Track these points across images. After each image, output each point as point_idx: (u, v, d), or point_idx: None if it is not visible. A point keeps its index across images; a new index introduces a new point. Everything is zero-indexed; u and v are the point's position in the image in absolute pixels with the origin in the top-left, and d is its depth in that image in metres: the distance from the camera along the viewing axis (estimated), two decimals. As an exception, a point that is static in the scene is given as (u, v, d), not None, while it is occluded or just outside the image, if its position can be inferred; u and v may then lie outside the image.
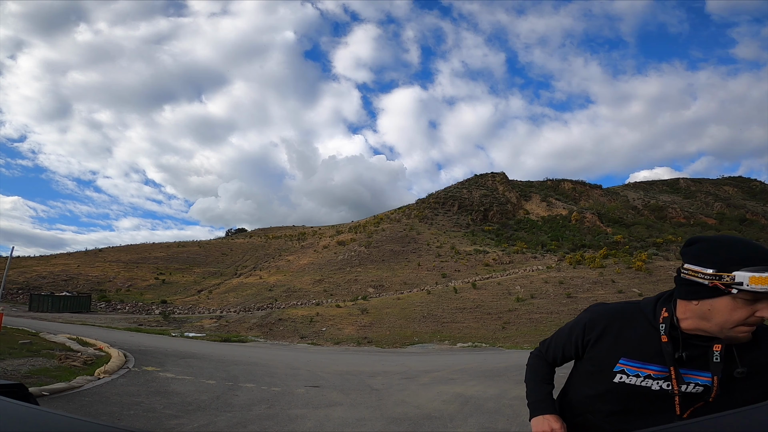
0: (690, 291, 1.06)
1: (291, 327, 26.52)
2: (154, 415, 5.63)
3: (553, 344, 1.37)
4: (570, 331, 1.29)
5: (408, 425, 5.59)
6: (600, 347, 1.19)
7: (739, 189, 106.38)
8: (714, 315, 1.02)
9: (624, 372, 1.14)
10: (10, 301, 37.52)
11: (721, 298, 1.00)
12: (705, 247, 1.05)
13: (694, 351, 1.09)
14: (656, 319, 1.12)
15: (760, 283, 0.93)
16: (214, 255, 63.55)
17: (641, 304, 1.19)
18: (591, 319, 1.23)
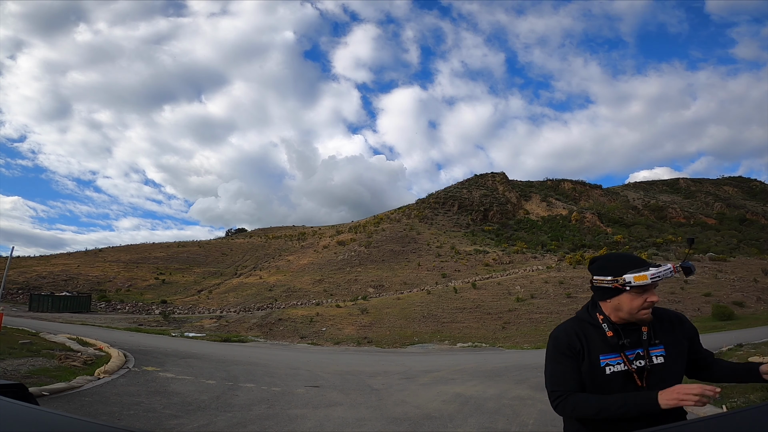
0: (602, 293, 1.55)
1: (291, 327, 26.51)
2: (154, 415, 5.62)
3: (562, 380, 1.48)
4: (559, 361, 1.51)
5: (408, 425, 5.59)
6: (585, 355, 1.50)
7: (739, 189, 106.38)
8: (622, 306, 1.50)
9: (608, 364, 1.48)
10: (10, 301, 37.52)
11: (622, 295, 1.49)
12: (602, 262, 1.58)
13: (632, 336, 1.51)
14: (596, 321, 1.54)
15: (640, 279, 1.46)
16: (214, 255, 63.55)
17: (579, 316, 1.59)
18: (566, 340, 1.52)
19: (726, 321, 24.47)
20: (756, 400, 6.09)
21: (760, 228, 76.26)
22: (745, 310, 28.04)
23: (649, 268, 1.47)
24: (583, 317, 1.57)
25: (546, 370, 1.54)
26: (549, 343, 1.55)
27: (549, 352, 1.54)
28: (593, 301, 1.60)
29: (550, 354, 1.54)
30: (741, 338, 13.91)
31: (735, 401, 6.04)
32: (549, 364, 1.53)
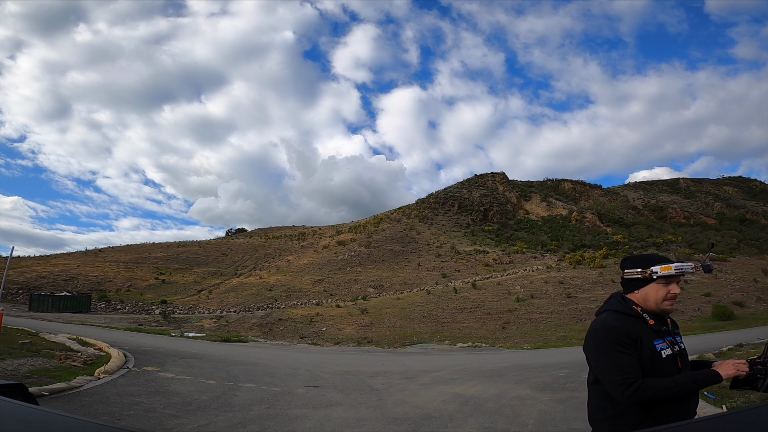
0: (631, 285, 1.75)
1: (291, 327, 26.52)
2: (154, 415, 5.63)
3: (631, 369, 1.54)
4: (621, 351, 1.57)
5: (408, 425, 5.59)
6: (642, 342, 1.61)
7: (739, 189, 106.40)
8: (649, 297, 1.70)
9: (662, 349, 1.63)
10: (10, 301, 37.52)
11: (649, 285, 1.70)
12: (633, 258, 1.79)
13: (662, 325, 1.71)
14: (636, 312, 1.68)
15: (666, 270, 1.68)
16: (214, 255, 63.56)
17: (616, 309, 1.71)
18: (625, 330, 1.61)
19: (726, 321, 24.48)
20: (756, 400, 6.09)
21: (760, 228, 76.27)
22: (745, 310, 28.04)
23: (678, 263, 1.69)
24: (620, 309, 1.68)
25: (604, 363, 1.58)
26: (601, 337, 1.61)
27: (605, 344, 1.59)
28: (621, 296, 1.75)
29: (607, 346, 1.59)
30: (741, 338, 13.91)
31: (735, 401, 6.04)
32: (609, 355, 1.57)
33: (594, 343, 1.64)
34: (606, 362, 1.58)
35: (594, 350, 1.64)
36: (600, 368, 1.60)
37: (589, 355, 1.67)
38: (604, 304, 1.79)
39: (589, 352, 1.67)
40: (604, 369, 1.58)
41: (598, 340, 1.63)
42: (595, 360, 1.62)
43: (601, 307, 1.82)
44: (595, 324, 1.69)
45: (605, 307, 1.75)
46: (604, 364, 1.58)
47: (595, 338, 1.64)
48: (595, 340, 1.64)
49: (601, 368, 1.59)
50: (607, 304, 1.77)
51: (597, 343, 1.63)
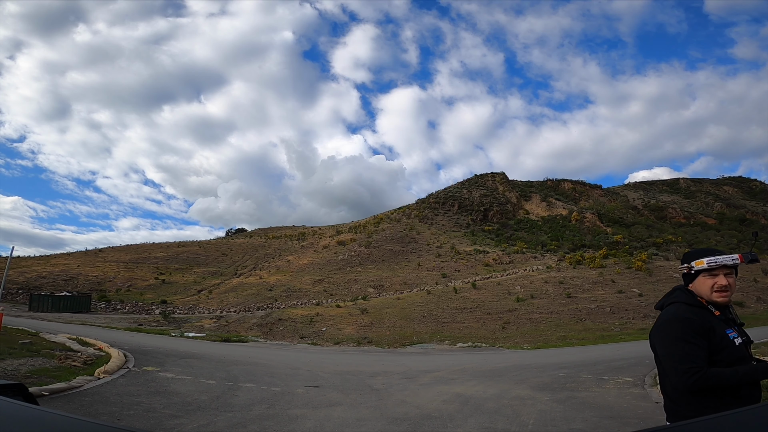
0: (686, 279, 1.88)
1: (291, 327, 26.51)
2: (154, 415, 5.63)
3: (696, 358, 1.62)
4: (690, 341, 1.65)
5: (408, 425, 5.59)
6: (715, 331, 1.68)
7: (739, 189, 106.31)
8: (700, 289, 1.80)
9: (735, 337, 1.71)
10: (10, 301, 37.50)
11: (697, 279, 1.81)
12: (686, 254, 1.91)
13: (728, 315, 1.79)
14: (701, 303, 1.76)
15: (699, 264, 1.79)
16: (214, 255, 63.53)
17: (683, 300, 1.79)
18: (699, 321, 1.69)
19: (726, 321, 24.47)
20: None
21: (760, 228, 76.19)
22: (745, 310, 28.03)
23: (716, 256, 1.77)
24: (688, 301, 1.77)
25: (672, 351, 1.66)
26: (675, 327, 1.69)
27: (677, 333, 1.67)
28: (685, 289, 1.86)
29: (678, 336, 1.66)
30: (741, 338, 13.88)
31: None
32: (678, 344, 1.65)
33: (666, 333, 1.71)
34: (674, 350, 1.65)
35: (665, 339, 1.71)
36: (668, 356, 1.67)
37: (659, 344, 1.74)
38: (667, 297, 1.87)
39: (659, 342, 1.74)
40: (671, 357, 1.65)
41: (671, 329, 1.69)
42: (665, 348, 1.70)
43: (662, 299, 1.89)
44: (666, 315, 1.76)
45: (670, 300, 1.83)
46: (672, 352, 1.65)
47: (668, 328, 1.71)
48: (667, 330, 1.71)
49: (669, 356, 1.66)
50: (670, 296, 1.86)
51: (670, 333, 1.69)
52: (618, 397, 7.22)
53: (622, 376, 9.12)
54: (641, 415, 6.09)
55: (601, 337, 22.07)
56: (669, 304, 1.82)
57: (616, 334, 22.87)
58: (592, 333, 23.70)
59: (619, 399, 7.03)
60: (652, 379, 8.60)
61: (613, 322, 26.33)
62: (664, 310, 1.82)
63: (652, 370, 9.49)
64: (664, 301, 1.88)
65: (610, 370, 10.24)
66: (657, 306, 1.92)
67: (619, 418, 5.91)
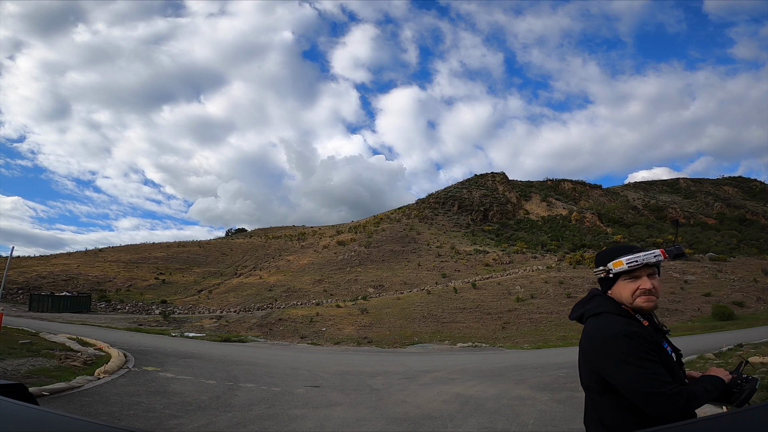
0: (605, 284, 1.55)
1: (291, 327, 26.50)
2: (154, 415, 5.63)
3: (666, 377, 1.33)
4: (650, 359, 1.35)
5: (408, 425, 5.59)
6: (659, 349, 1.42)
7: (739, 189, 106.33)
8: (621, 295, 1.48)
9: (671, 352, 1.46)
10: (10, 301, 37.50)
11: (617, 283, 1.49)
12: (598, 255, 1.59)
13: (657, 324, 1.50)
14: (629, 313, 1.47)
15: (617, 265, 1.47)
16: (214, 255, 63.53)
17: (613, 310, 1.47)
18: (647, 336, 1.40)
19: (726, 321, 24.47)
20: (756, 400, 6.09)
21: (760, 228, 76.22)
22: (745, 310, 28.04)
23: (635, 253, 1.45)
24: (615, 311, 1.46)
25: (639, 374, 1.30)
26: (624, 344, 1.34)
27: (632, 352, 1.33)
28: (605, 295, 1.54)
29: (635, 355, 1.32)
30: (741, 338, 13.90)
31: (735, 401, 6.03)
32: (638, 364, 1.31)
33: (618, 352, 1.34)
34: (642, 373, 1.30)
35: (619, 361, 1.34)
36: (633, 381, 1.31)
37: (610, 367, 1.36)
38: (585, 305, 1.54)
39: (610, 364, 1.36)
40: (640, 381, 1.30)
41: (623, 348, 1.34)
42: (621, 370, 1.33)
43: (579, 307, 1.57)
44: (603, 330, 1.41)
45: (593, 309, 1.50)
46: (639, 375, 1.30)
47: (618, 347, 1.35)
48: (618, 349, 1.35)
49: (636, 381, 1.31)
50: (589, 304, 1.53)
51: (624, 352, 1.34)
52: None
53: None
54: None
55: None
56: (594, 315, 1.48)
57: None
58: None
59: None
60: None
61: (613, 322, 26.33)
62: (590, 322, 1.48)
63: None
64: (583, 310, 1.54)
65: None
66: (573, 316, 1.59)
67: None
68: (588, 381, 1.46)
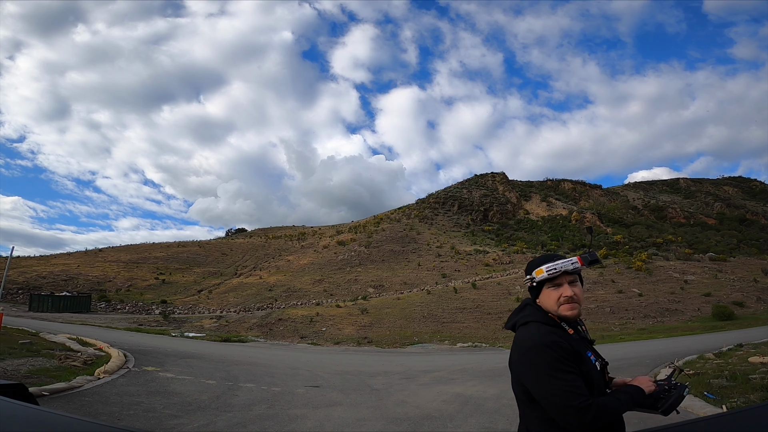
0: (534, 293, 1.56)
1: (291, 327, 26.51)
2: (154, 415, 5.63)
3: (582, 389, 1.32)
4: (568, 370, 1.34)
5: (408, 425, 5.59)
6: (580, 358, 1.42)
7: (739, 189, 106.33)
8: (546, 303, 1.50)
9: (595, 361, 1.48)
10: (10, 301, 37.51)
11: (542, 291, 1.52)
12: (528, 264, 1.59)
13: (582, 333, 1.54)
14: (555, 321, 1.48)
15: (539, 273, 1.50)
16: (214, 255, 63.54)
17: (539, 320, 1.48)
18: (567, 345, 1.39)
19: (726, 321, 24.48)
20: (756, 400, 6.09)
21: (760, 228, 76.23)
22: (745, 310, 28.04)
23: (554, 261, 1.49)
24: (543, 320, 1.47)
25: (554, 386, 1.31)
26: (545, 354, 1.35)
27: (552, 362, 1.34)
28: (534, 304, 1.56)
29: (555, 365, 1.33)
30: (741, 338, 13.90)
31: (735, 401, 6.03)
32: (556, 375, 1.32)
33: (538, 363, 1.35)
34: (557, 385, 1.30)
35: (538, 372, 1.35)
36: (549, 394, 1.31)
37: (530, 379, 1.37)
38: (517, 314, 1.56)
39: (531, 375, 1.37)
40: (554, 394, 1.30)
41: (543, 358, 1.35)
42: (541, 383, 1.34)
43: (512, 317, 1.58)
44: (528, 340, 1.42)
45: (523, 318, 1.51)
46: (554, 387, 1.31)
47: (537, 357, 1.36)
48: (538, 359, 1.35)
49: (552, 393, 1.31)
50: (520, 313, 1.54)
51: (543, 363, 1.34)
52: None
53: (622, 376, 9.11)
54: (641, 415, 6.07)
55: (601, 337, 22.05)
56: (523, 324, 1.49)
57: (616, 334, 22.87)
58: (592, 333, 23.29)
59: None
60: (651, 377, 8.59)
61: (613, 322, 26.34)
62: (519, 330, 1.50)
63: (652, 371, 9.48)
64: (515, 318, 1.55)
65: (610, 370, 10.20)
66: (507, 326, 1.59)
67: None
68: (516, 391, 1.48)
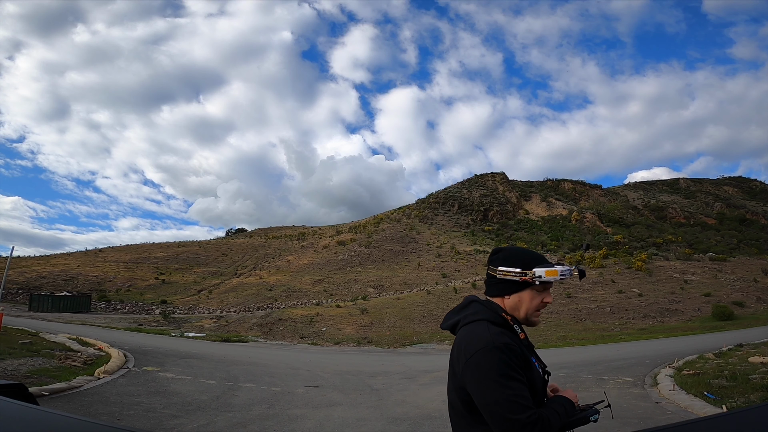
0: (505, 288, 1.38)
1: (291, 327, 26.51)
2: (154, 415, 5.63)
3: (528, 400, 1.18)
4: (516, 378, 1.19)
5: (408, 425, 5.59)
6: (528, 365, 1.27)
7: (739, 189, 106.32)
8: (522, 304, 1.37)
9: (539, 368, 1.34)
10: (10, 301, 37.50)
11: (526, 291, 1.36)
12: (510, 253, 1.42)
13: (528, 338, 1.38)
14: (507, 323, 1.33)
15: (551, 274, 1.34)
16: (214, 255, 63.53)
17: (489, 318, 1.31)
18: (517, 350, 1.24)
19: (726, 321, 24.47)
20: (756, 400, 6.09)
21: (760, 228, 76.20)
22: (745, 310, 28.03)
23: (555, 265, 1.37)
24: (492, 319, 1.31)
25: (500, 396, 1.14)
26: (493, 359, 1.18)
27: (501, 369, 1.17)
28: (486, 301, 1.40)
29: (503, 372, 1.17)
30: (741, 338, 13.90)
31: (735, 401, 6.03)
32: (506, 384, 1.15)
33: (486, 369, 1.18)
34: (503, 394, 1.14)
35: (485, 378, 1.17)
36: (494, 403, 1.15)
37: (475, 386, 1.19)
38: (466, 311, 1.37)
39: (475, 382, 1.19)
40: (499, 404, 1.14)
41: (491, 363, 1.18)
42: (485, 391, 1.17)
43: (454, 314, 1.41)
44: (476, 341, 1.23)
45: (470, 316, 1.33)
46: (500, 397, 1.14)
47: (486, 361, 1.18)
48: (486, 364, 1.18)
49: (496, 403, 1.14)
50: (468, 311, 1.37)
51: (491, 368, 1.17)
52: (618, 397, 7.22)
53: (622, 376, 9.11)
54: (641, 415, 6.09)
55: (601, 337, 22.06)
56: (470, 323, 1.31)
57: (616, 334, 22.86)
58: (592, 333, 23.69)
59: (619, 399, 7.03)
60: (651, 379, 8.61)
61: (613, 322, 26.33)
62: (465, 329, 1.31)
63: (652, 371, 9.49)
64: (457, 317, 1.38)
65: (610, 370, 10.24)
66: (446, 325, 1.42)
67: (619, 418, 5.91)
68: (453, 397, 1.30)
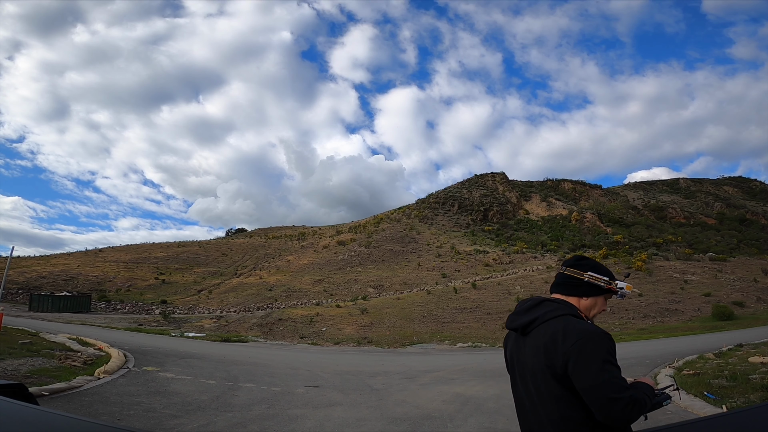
0: (588, 290, 1.53)
1: (291, 327, 26.50)
2: (154, 415, 5.62)
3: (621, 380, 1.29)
4: (616, 363, 1.31)
5: (408, 425, 5.59)
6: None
7: (739, 189, 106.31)
8: (595, 307, 1.53)
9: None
10: (10, 301, 37.50)
11: (602, 296, 1.54)
12: (596, 263, 1.59)
13: None
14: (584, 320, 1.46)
15: (629, 288, 1.55)
16: (214, 255, 63.53)
17: (574, 315, 1.44)
18: (611, 338, 1.36)
19: (726, 321, 24.48)
20: (756, 400, 6.08)
21: (760, 228, 76.19)
22: (745, 310, 28.04)
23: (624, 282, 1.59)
24: (578, 316, 1.45)
25: (605, 373, 1.25)
26: (603, 343, 1.30)
27: (606, 352, 1.29)
28: (560, 299, 1.51)
29: (610, 354, 1.30)
30: (741, 338, 13.90)
31: (735, 401, 6.03)
32: (610, 366, 1.28)
33: (596, 350, 1.28)
34: (611, 374, 1.26)
35: (596, 358, 1.27)
36: (602, 380, 1.24)
37: (583, 363, 1.28)
38: (543, 309, 1.46)
39: (583, 359, 1.28)
40: (606, 381, 1.25)
41: (601, 346, 1.29)
42: (595, 368, 1.26)
43: (538, 312, 1.46)
44: (582, 328, 1.34)
45: (554, 312, 1.43)
46: (608, 375, 1.25)
47: (597, 344, 1.29)
48: (597, 347, 1.29)
49: (604, 380, 1.24)
50: (546, 308, 1.46)
51: (601, 350, 1.29)
52: (618, 397, 7.21)
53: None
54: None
55: (601, 337, 22.06)
56: (557, 317, 1.40)
57: (616, 334, 22.85)
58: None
59: (619, 399, 7.02)
60: (652, 379, 8.59)
61: (613, 322, 26.33)
62: (555, 322, 1.39)
63: (652, 371, 9.48)
64: (536, 314, 1.46)
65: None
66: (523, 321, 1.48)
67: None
68: (544, 385, 1.36)
